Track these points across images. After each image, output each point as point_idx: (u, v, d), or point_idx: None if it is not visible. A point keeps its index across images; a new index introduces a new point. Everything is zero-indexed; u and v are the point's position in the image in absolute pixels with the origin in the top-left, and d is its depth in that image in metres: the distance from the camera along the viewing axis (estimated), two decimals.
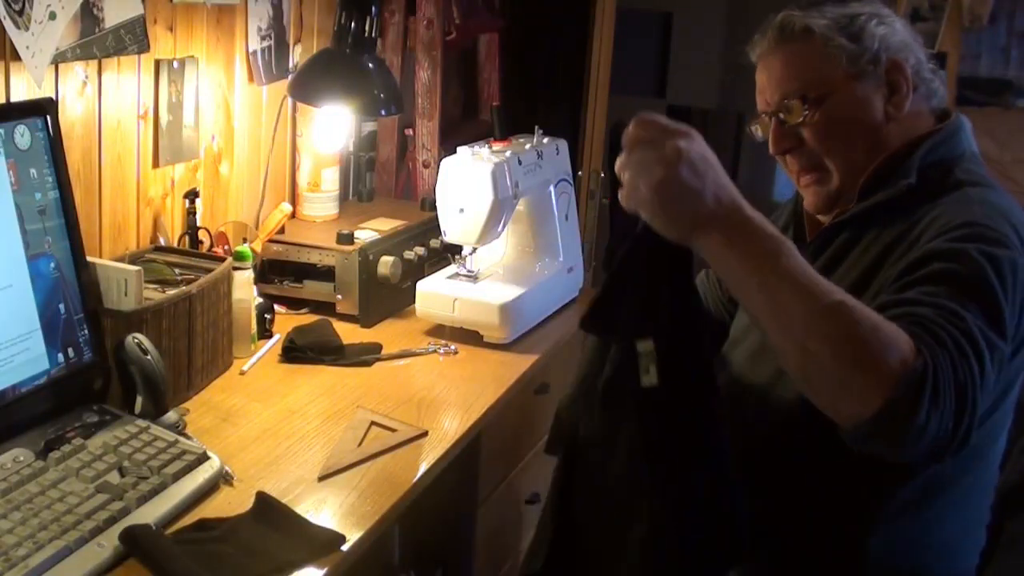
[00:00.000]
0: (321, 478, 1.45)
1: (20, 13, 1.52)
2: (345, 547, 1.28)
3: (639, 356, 1.22)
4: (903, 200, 1.36)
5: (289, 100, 2.28)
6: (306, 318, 2.05)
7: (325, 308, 2.08)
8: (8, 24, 1.50)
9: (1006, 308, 1.19)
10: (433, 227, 2.15)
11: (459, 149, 2.02)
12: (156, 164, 1.91)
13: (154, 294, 1.64)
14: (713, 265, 1.14)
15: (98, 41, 1.70)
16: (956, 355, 1.10)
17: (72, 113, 1.70)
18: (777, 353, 1.13)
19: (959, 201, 1.33)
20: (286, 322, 2.00)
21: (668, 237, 1.14)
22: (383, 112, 2.16)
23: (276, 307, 2.03)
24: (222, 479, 1.41)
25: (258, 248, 2.07)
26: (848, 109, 1.41)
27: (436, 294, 2.02)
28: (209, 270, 1.76)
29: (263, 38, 2.19)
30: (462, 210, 1.96)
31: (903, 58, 1.41)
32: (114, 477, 1.33)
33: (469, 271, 2.06)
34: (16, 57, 1.53)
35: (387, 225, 2.25)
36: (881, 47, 1.40)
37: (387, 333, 2.03)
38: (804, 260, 1.12)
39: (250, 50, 2.15)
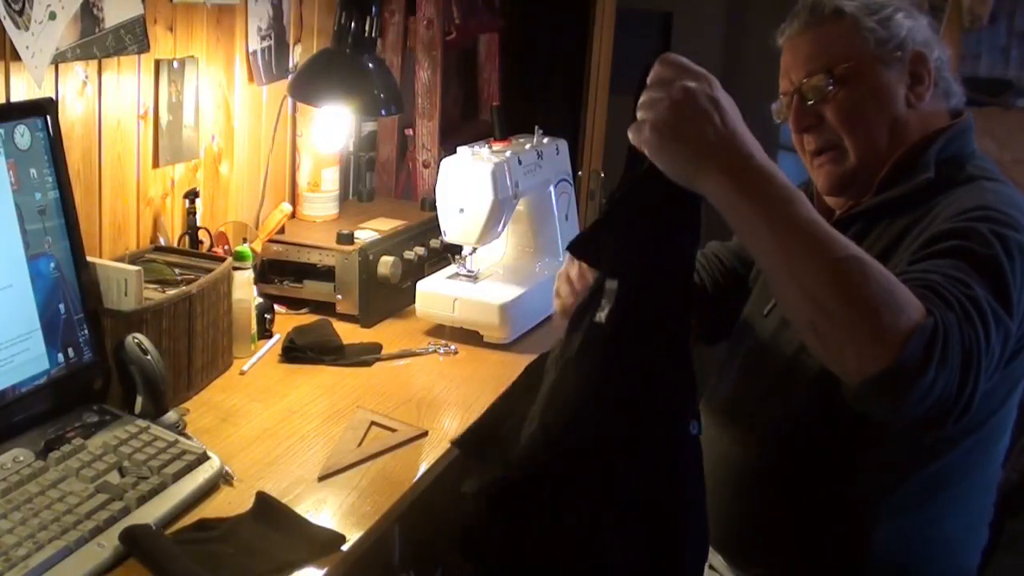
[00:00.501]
0: (321, 478, 1.45)
1: (20, 13, 1.52)
2: (345, 547, 1.28)
3: (604, 292, 1.17)
4: (918, 194, 1.38)
5: (289, 100, 2.28)
6: (306, 318, 2.05)
7: (325, 308, 2.08)
8: (8, 24, 1.50)
9: (1014, 287, 1.19)
10: (433, 227, 2.15)
11: (459, 149, 2.02)
12: (156, 164, 1.91)
13: (154, 294, 1.64)
14: (721, 210, 1.09)
15: (98, 41, 1.70)
16: (963, 318, 1.09)
17: (72, 113, 1.70)
18: (784, 304, 1.10)
19: (972, 190, 1.34)
20: (286, 322, 2.00)
21: (672, 177, 1.09)
22: (383, 112, 2.15)
23: (276, 307, 2.03)
24: (222, 479, 1.41)
25: (258, 248, 2.07)
26: (871, 90, 1.42)
27: (436, 294, 2.02)
28: (209, 270, 1.76)
29: (263, 38, 2.19)
30: (462, 210, 1.97)
31: (928, 51, 1.43)
32: (114, 477, 1.33)
33: (469, 271, 2.07)
34: (16, 57, 1.53)
35: (387, 225, 2.25)
36: (908, 37, 1.42)
37: (387, 333, 2.03)
38: (816, 212, 1.08)
39: (250, 50, 2.15)
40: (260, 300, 1.93)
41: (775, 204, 1.06)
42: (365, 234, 2.15)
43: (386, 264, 2.06)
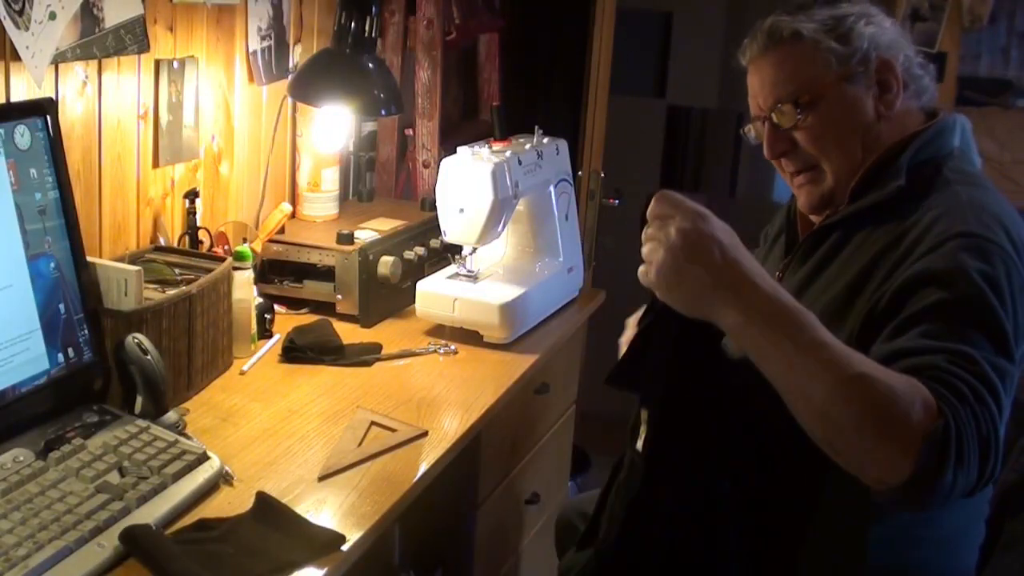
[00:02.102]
0: (321, 478, 1.45)
1: (20, 13, 1.52)
2: (345, 547, 1.28)
3: (640, 420, 1.28)
4: (893, 201, 1.37)
5: (289, 100, 2.28)
6: (306, 318, 2.05)
7: (325, 308, 2.08)
8: (8, 24, 1.50)
9: (1009, 326, 1.20)
10: (433, 227, 2.15)
11: (459, 149, 2.01)
12: (156, 164, 1.91)
13: (154, 294, 1.64)
14: (733, 338, 1.17)
15: (98, 41, 1.70)
16: (977, 406, 1.11)
17: (72, 113, 1.70)
18: (801, 422, 1.14)
19: (950, 203, 1.33)
20: (286, 322, 2.00)
21: (684, 314, 1.18)
22: (383, 112, 2.16)
23: (276, 307, 2.03)
24: (222, 479, 1.41)
25: (258, 248, 2.07)
26: (840, 111, 1.41)
27: (436, 294, 2.02)
28: (209, 270, 1.76)
29: (263, 38, 2.19)
30: (462, 210, 1.96)
31: (893, 56, 1.42)
32: (114, 477, 1.33)
33: (469, 271, 2.06)
34: (16, 57, 1.53)
35: (387, 225, 2.25)
36: (871, 46, 1.41)
37: (387, 333, 2.03)
38: (823, 329, 1.13)
39: (250, 50, 2.15)
40: (260, 300, 1.93)
41: (783, 330, 1.12)
42: (365, 234, 2.15)
43: (386, 264, 2.06)
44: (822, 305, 1.36)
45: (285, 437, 1.56)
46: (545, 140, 2.19)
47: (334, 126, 2.33)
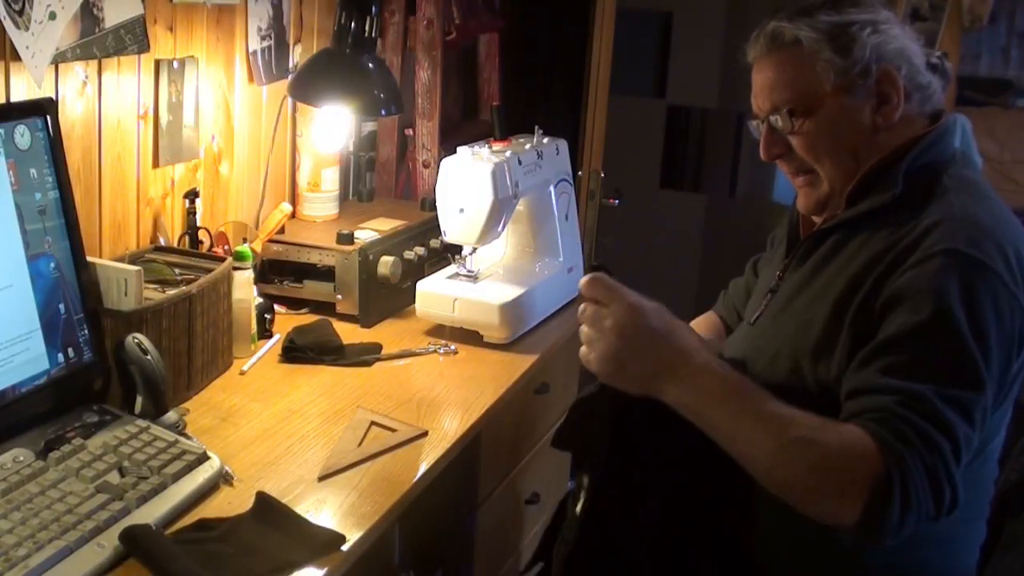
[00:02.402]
0: (321, 478, 1.45)
1: (20, 13, 1.52)
2: (345, 547, 1.28)
3: (581, 484, 1.42)
4: (890, 207, 1.36)
5: (289, 100, 2.28)
6: (306, 318, 2.05)
7: (325, 308, 2.08)
8: (8, 24, 1.50)
9: (977, 354, 1.22)
10: (433, 227, 2.15)
11: (459, 149, 2.02)
12: (156, 164, 1.91)
13: (154, 294, 1.64)
14: (678, 410, 1.28)
15: (98, 41, 1.70)
16: (923, 448, 1.18)
17: (72, 113, 1.70)
18: (756, 477, 1.25)
19: (944, 215, 1.31)
20: (286, 322, 2.00)
21: (631, 393, 1.31)
22: (383, 112, 2.16)
23: (276, 307, 2.03)
24: (222, 479, 1.41)
25: (258, 248, 2.07)
26: (835, 121, 1.40)
27: (436, 294, 2.02)
28: (209, 270, 1.76)
29: (263, 38, 2.19)
30: (462, 210, 1.96)
31: (895, 67, 1.39)
32: (114, 477, 1.33)
33: (469, 271, 2.06)
34: (16, 57, 1.53)
35: (387, 225, 2.25)
36: (872, 57, 1.38)
37: (387, 333, 2.03)
38: (760, 393, 1.25)
39: (250, 50, 2.15)
40: (260, 300, 1.93)
41: (722, 401, 1.25)
42: (365, 234, 2.15)
43: (386, 264, 2.06)
44: (817, 309, 1.37)
45: (285, 437, 1.56)
46: (545, 140, 2.19)
47: (334, 126, 2.33)
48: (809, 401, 1.31)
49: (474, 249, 2.06)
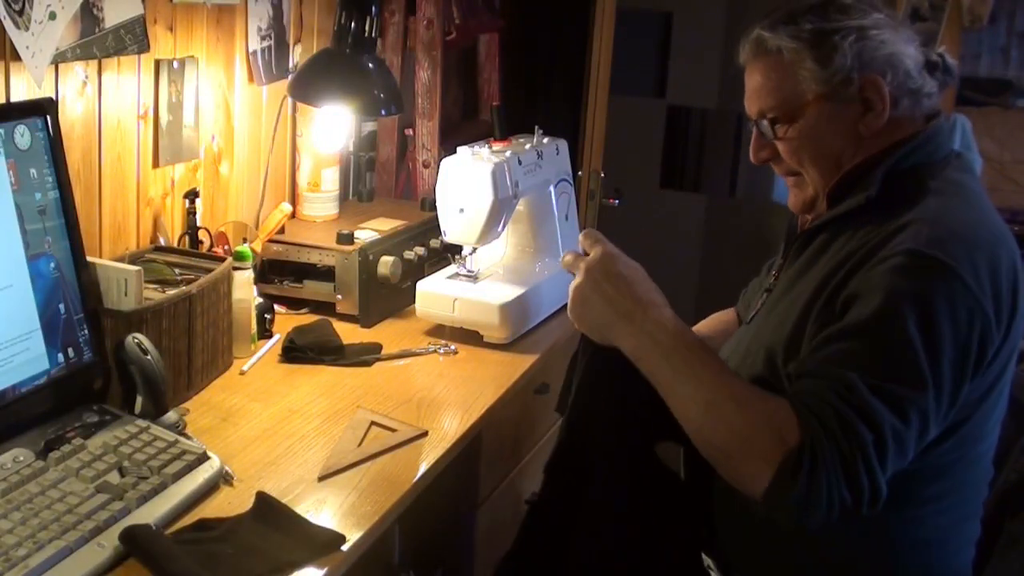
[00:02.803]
0: (321, 478, 1.45)
1: (20, 13, 1.52)
2: (345, 547, 1.28)
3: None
4: (868, 208, 1.36)
5: (289, 100, 2.28)
6: (306, 318, 2.05)
7: (325, 308, 2.08)
8: (8, 24, 1.50)
9: (923, 354, 1.23)
10: (433, 227, 2.15)
11: (459, 149, 2.02)
12: (156, 164, 1.91)
13: (154, 294, 1.64)
14: (634, 363, 1.37)
15: (98, 41, 1.70)
16: (842, 436, 1.20)
17: (72, 113, 1.70)
18: (690, 437, 1.32)
19: (917, 215, 1.31)
20: (286, 322, 2.00)
21: (594, 339, 1.42)
22: (383, 112, 2.16)
23: (276, 307, 2.03)
24: (222, 479, 1.41)
25: (258, 248, 2.07)
26: (818, 128, 1.40)
27: (436, 294, 2.02)
28: (209, 270, 1.76)
29: (263, 38, 2.19)
30: (462, 210, 1.97)
31: (881, 73, 1.37)
32: (114, 477, 1.33)
33: (469, 271, 2.06)
34: (16, 57, 1.53)
35: (387, 225, 2.25)
36: (855, 66, 1.36)
37: (387, 333, 2.03)
38: (707, 355, 1.33)
39: (250, 50, 2.15)
40: (260, 300, 1.93)
41: (670, 356, 1.33)
42: (365, 234, 2.15)
43: (386, 264, 2.06)
44: (792, 307, 1.38)
45: (285, 437, 1.56)
46: (545, 140, 2.19)
47: (334, 126, 2.33)
48: (784, 394, 1.33)
49: (474, 249, 2.06)
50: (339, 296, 2.07)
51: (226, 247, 2.02)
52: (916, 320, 1.23)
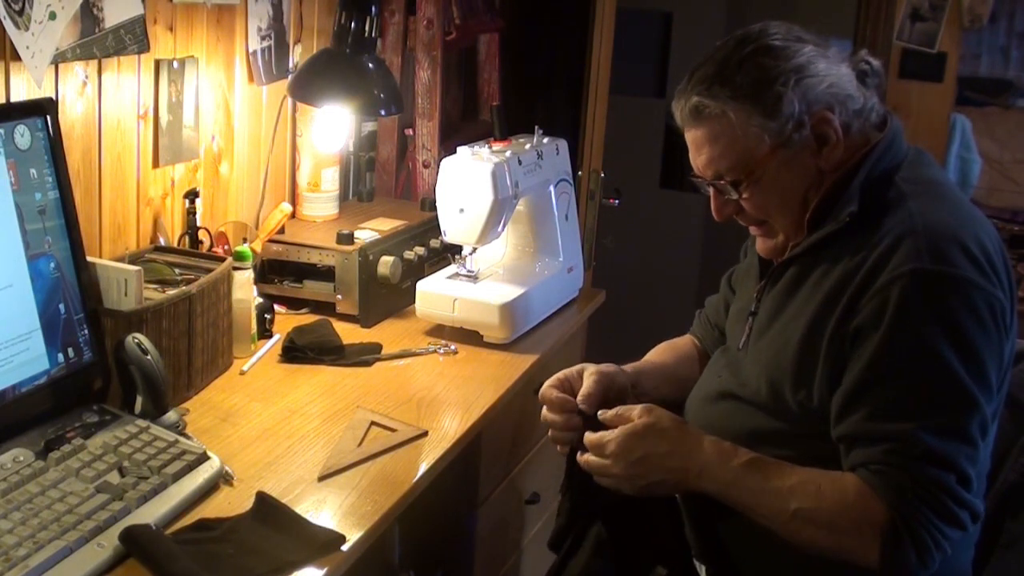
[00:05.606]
0: (321, 478, 1.45)
1: (20, 13, 1.52)
2: (345, 547, 1.28)
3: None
4: (851, 226, 1.35)
5: (289, 100, 2.28)
6: (306, 318, 2.05)
7: (325, 308, 2.08)
8: (8, 24, 1.50)
9: (963, 373, 1.23)
10: (433, 227, 2.15)
11: (459, 149, 2.02)
12: (156, 164, 1.91)
13: (154, 294, 1.64)
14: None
15: (98, 41, 1.70)
16: (924, 493, 1.23)
17: (72, 113, 1.70)
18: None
19: (904, 228, 1.30)
20: (286, 322, 2.00)
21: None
22: (383, 112, 2.16)
23: (276, 307, 2.03)
24: (222, 479, 1.41)
25: (258, 248, 2.07)
26: (779, 178, 1.37)
27: (436, 294, 2.02)
28: (209, 270, 1.76)
29: (263, 38, 2.19)
30: (462, 210, 1.97)
31: (829, 107, 1.35)
32: (114, 477, 1.33)
33: (469, 271, 2.07)
34: (16, 57, 1.53)
35: (387, 225, 2.25)
36: (802, 108, 1.33)
37: (387, 333, 2.03)
38: (755, 471, 1.33)
39: (250, 50, 2.15)
40: (260, 300, 1.93)
41: (730, 486, 1.35)
42: (365, 234, 2.15)
43: (386, 264, 2.06)
44: (791, 333, 1.37)
45: (285, 437, 1.56)
46: (545, 140, 2.19)
47: (334, 126, 2.33)
48: (793, 420, 1.35)
49: (474, 249, 2.06)
50: (339, 296, 2.07)
51: (226, 247, 2.02)
52: (948, 343, 1.23)
